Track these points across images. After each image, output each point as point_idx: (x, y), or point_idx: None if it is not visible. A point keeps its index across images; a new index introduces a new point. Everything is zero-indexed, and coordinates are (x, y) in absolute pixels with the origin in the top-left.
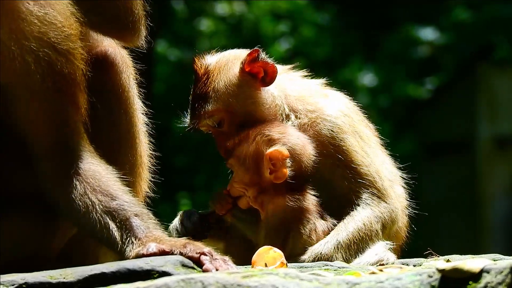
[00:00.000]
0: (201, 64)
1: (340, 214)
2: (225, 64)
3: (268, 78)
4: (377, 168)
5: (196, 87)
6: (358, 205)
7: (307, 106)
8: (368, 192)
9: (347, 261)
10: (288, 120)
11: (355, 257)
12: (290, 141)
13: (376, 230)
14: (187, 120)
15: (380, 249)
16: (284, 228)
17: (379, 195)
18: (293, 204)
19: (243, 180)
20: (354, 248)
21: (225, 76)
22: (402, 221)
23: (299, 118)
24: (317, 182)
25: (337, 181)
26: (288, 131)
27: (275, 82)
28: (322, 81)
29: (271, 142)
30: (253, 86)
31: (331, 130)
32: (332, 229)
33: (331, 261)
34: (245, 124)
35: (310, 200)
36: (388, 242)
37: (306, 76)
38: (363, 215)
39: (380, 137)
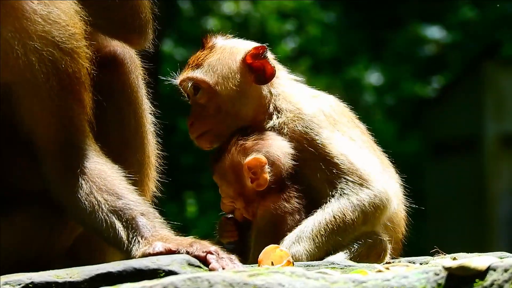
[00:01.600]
0: (210, 39)
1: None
2: (231, 47)
3: (264, 77)
4: (357, 157)
5: (196, 54)
6: (333, 196)
7: (289, 105)
8: (345, 181)
9: (313, 256)
10: (270, 120)
11: (326, 251)
12: (265, 146)
13: (352, 220)
14: (177, 77)
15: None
16: (272, 231)
17: (359, 182)
18: (278, 206)
19: (229, 194)
20: (321, 241)
21: (226, 57)
22: (400, 216)
23: (279, 118)
24: (297, 178)
25: (314, 174)
26: (261, 136)
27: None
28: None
29: (246, 151)
30: (247, 79)
31: (305, 127)
32: None
33: (299, 259)
34: (222, 108)
35: (295, 199)
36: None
37: (305, 85)
38: (334, 206)
39: (384, 139)
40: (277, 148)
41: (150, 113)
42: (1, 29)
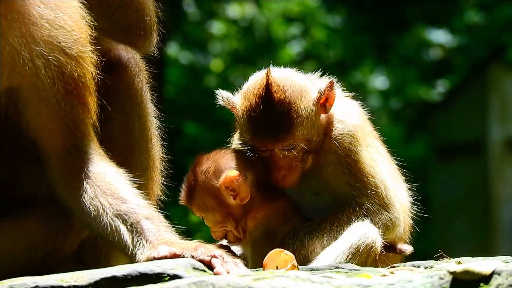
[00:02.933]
0: (277, 86)
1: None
2: (302, 90)
3: (328, 105)
4: (382, 178)
5: (275, 110)
6: (355, 211)
7: (333, 120)
8: (369, 202)
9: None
10: (329, 132)
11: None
12: (227, 160)
13: (372, 242)
14: (259, 140)
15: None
16: (268, 239)
17: (382, 203)
18: (267, 214)
19: (216, 220)
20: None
21: (307, 104)
22: (406, 222)
23: (330, 131)
24: (321, 185)
25: (341, 186)
26: (218, 154)
27: None
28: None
29: (215, 173)
30: (319, 114)
31: (350, 143)
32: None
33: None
34: (308, 152)
35: (281, 202)
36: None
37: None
38: (360, 229)
39: (390, 143)
40: (247, 158)
41: (155, 117)
42: (8, 34)
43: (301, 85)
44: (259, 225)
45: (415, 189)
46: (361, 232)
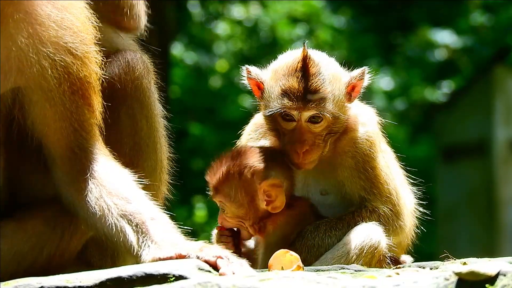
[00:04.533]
0: (313, 61)
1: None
2: (336, 72)
3: (354, 95)
4: (395, 185)
5: (310, 81)
6: (370, 217)
7: (356, 121)
8: (384, 208)
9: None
10: (345, 134)
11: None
12: (277, 166)
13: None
14: (289, 103)
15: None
16: (282, 245)
17: (394, 210)
18: (288, 222)
19: (238, 214)
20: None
21: (339, 85)
22: (410, 223)
23: (351, 131)
24: (331, 185)
25: (356, 190)
26: (264, 152)
27: None
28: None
29: (260, 173)
30: (346, 99)
31: (370, 149)
32: None
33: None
34: (331, 134)
35: (304, 209)
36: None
37: None
38: (375, 234)
39: (394, 143)
40: (287, 166)
41: (162, 118)
42: (15, 35)
43: (335, 67)
44: (278, 230)
45: (420, 190)
46: (365, 233)
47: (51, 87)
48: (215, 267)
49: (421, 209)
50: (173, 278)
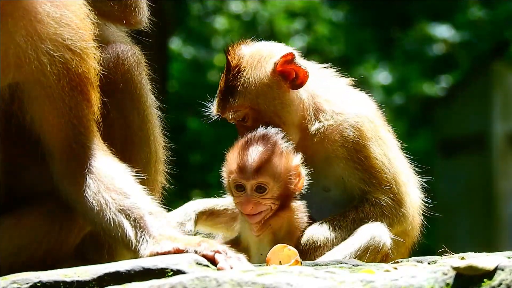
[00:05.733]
0: (234, 55)
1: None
2: (258, 60)
3: (298, 81)
4: (395, 174)
5: (227, 78)
6: (373, 210)
7: (334, 107)
8: (385, 197)
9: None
10: (315, 121)
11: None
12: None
13: (385, 242)
14: (213, 108)
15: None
16: (287, 239)
17: (395, 199)
18: (294, 217)
19: (278, 194)
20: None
21: (257, 73)
22: (416, 221)
23: (326, 120)
24: (331, 180)
25: (354, 182)
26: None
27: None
28: (349, 81)
29: (292, 151)
30: (282, 88)
31: (356, 136)
32: None
33: None
34: (269, 122)
35: (301, 208)
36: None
37: (335, 75)
38: (376, 230)
39: (396, 138)
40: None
41: (157, 109)
42: (15, 33)
43: (263, 55)
44: (285, 224)
45: (420, 185)
46: (370, 235)
47: (50, 83)
48: (213, 261)
49: (426, 205)
50: (171, 272)
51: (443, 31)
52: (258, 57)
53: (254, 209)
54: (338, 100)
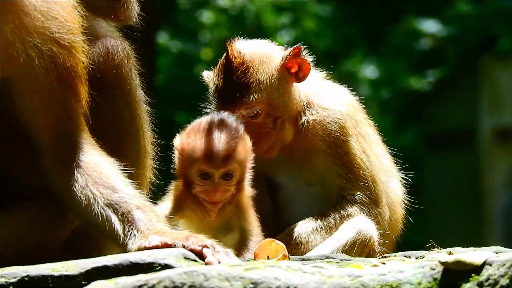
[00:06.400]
0: (237, 53)
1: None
2: (265, 56)
3: (302, 74)
4: (373, 172)
5: (233, 76)
6: (352, 207)
7: (320, 102)
8: (362, 194)
9: None
10: (303, 115)
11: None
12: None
13: (366, 237)
14: (218, 106)
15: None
16: (231, 224)
17: (372, 197)
18: (241, 197)
19: (239, 180)
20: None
21: (267, 68)
22: (399, 216)
23: (311, 114)
24: (313, 175)
25: (332, 177)
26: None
27: None
28: (327, 75)
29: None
30: (289, 81)
31: (338, 131)
32: None
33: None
34: (279, 117)
35: (249, 195)
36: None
37: (323, 75)
38: (358, 224)
39: (380, 132)
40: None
41: (146, 104)
42: (2, 26)
43: (264, 51)
44: (238, 205)
45: (406, 179)
46: (357, 229)
47: (38, 77)
48: (201, 256)
49: (409, 199)
50: (159, 267)
51: (430, 26)
52: (263, 53)
53: (221, 196)
54: (324, 95)
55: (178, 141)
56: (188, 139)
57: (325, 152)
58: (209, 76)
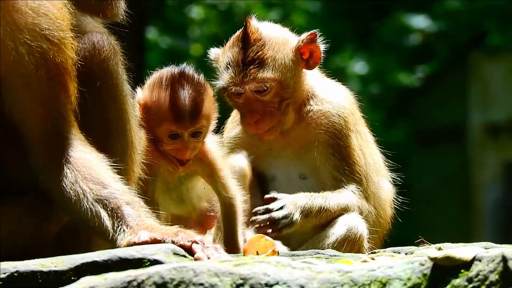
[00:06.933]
0: (255, 28)
1: None
2: (281, 36)
3: (312, 61)
4: (367, 170)
5: (249, 49)
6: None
7: (324, 95)
8: (355, 187)
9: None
10: (308, 104)
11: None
12: None
13: (361, 234)
14: (228, 78)
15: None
16: (192, 173)
17: (364, 193)
18: (206, 150)
19: (207, 135)
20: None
21: (283, 48)
22: (388, 213)
23: (316, 104)
24: (308, 167)
25: (328, 168)
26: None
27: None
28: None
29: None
30: (301, 66)
31: (342, 124)
32: None
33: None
34: (284, 101)
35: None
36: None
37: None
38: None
39: (369, 128)
40: None
41: (133, 99)
42: None
43: (280, 32)
44: (204, 157)
45: (396, 176)
46: (348, 226)
47: (28, 73)
48: (190, 251)
49: (399, 197)
50: (148, 262)
51: (420, 22)
52: (279, 34)
53: (191, 154)
54: (328, 89)
55: (141, 95)
56: (152, 95)
57: (327, 143)
58: (217, 53)
